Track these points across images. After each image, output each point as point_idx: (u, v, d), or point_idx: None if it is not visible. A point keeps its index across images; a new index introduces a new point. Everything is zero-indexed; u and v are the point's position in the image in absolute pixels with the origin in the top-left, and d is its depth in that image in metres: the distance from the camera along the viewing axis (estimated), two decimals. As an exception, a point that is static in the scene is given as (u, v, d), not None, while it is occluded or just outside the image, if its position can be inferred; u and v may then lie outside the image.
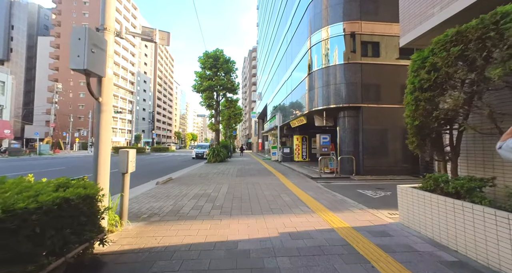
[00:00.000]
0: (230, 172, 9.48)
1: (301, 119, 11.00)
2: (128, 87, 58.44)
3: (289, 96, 13.34)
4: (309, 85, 9.82)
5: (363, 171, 7.86)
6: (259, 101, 36.43)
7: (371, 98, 8.04)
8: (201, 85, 15.79)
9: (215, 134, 16.96)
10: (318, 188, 6.07)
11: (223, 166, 12.15)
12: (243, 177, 7.96)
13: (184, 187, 6.13)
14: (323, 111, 9.03)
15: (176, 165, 14.26)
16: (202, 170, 10.45)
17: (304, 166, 11.63)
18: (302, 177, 7.98)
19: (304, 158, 15.16)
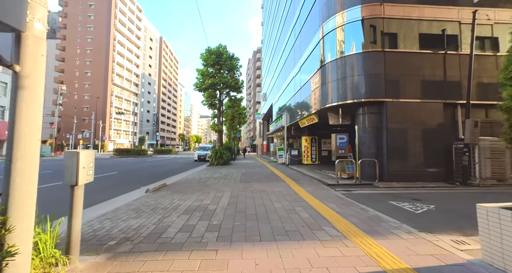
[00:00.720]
0: (233, 177, 8.47)
1: (312, 117, 9.94)
2: (132, 89, 58.41)
3: (298, 94, 12.30)
4: (321, 79, 8.77)
5: (388, 176, 6.73)
6: (264, 102, 35.47)
7: (397, 92, 6.93)
8: (203, 83, 14.91)
9: (218, 135, 16.02)
10: (339, 198, 4.98)
11: (226, 170, 11.15)
12: (248, 183, 6.93)
13: (178, 196, 5.14)
14: (339, 108, 7.96)
15: (176, 168, 13.34)
16: (202, 174, 9.47)
17: (315, 170, 10.52)
18: (316, 184, 6.90)
19: (313, 161, 14.03)
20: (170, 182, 7.14)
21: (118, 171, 10.95)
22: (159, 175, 9.67)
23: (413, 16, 7.11)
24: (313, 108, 9.63)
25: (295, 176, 8.67)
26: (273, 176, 8.85)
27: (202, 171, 10.50)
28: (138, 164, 15.45)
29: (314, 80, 9.61)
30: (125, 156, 24.05)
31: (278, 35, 20.11)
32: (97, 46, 49.99)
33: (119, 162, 17.16)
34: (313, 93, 9.67)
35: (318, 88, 9.06)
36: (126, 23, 55.77)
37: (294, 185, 6.69)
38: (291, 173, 9.95)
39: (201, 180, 7.56)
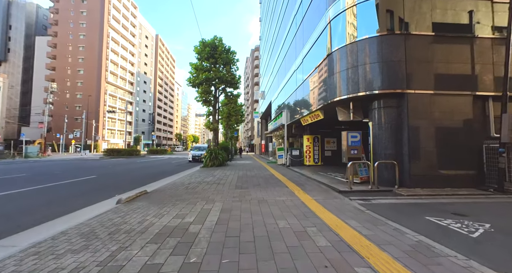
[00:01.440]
0: (228, 181, 7.38)
1: (317, 114, 8.88)
2: (127, 88, 56.97)
3: (300, 88, 11.24)
4: (328, 70, 7.72)
5: (410, 181, 5.70)
6: (262, 100, 34.41)
7: (421, 82, 5.90)
8: (197, 78, 13.78)
9: (213, 134, 14.91)
10: (358, 211, 3.93)
11: (221, 172, 10.06)
12: (245, 190, 5.85)
13: (155, 209, 4.04)
14: (349, 102, 6.91)
15: (167, 170, 12.21)
16: (193, 177, 8.37)
17: (319, 172, 9.48)
18: (325, 190, 5.84)
19: (316, 161, 13.00)
20: (153, 189, 6.04)
21: (99, 174, 9.79)
22: (144, 178, 8.54)
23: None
24: (318, 103, 8.58)
25: (298, 180, 7.61)
26: (273, 179, 7.78)
27: (194, 174, 9.39)
28: (126, 166, 14.28)
29: (319, 72, 8.56)
30: (116, 157, 22.80)
31: (277, 28, 19.04)
32: (90, 43, 48.48)
33: (105, 164, 15.96)
34: (318, 87, 8.62)
35: (324, 80, 8.01)
36: (120, 19, 54.29)
37: (299, 191, 5.63)
38: (293, 175, 8.89)
39: (190, 186, 6.47)
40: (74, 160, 20.31)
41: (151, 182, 7.44)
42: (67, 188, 6.49)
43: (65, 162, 17.34)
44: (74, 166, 13.74)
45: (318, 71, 8.64)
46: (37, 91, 50.18)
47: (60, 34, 48.88)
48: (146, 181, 7.69)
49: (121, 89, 54.98)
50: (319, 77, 8.61)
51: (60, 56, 48.46)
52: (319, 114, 8.76)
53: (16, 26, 54.08)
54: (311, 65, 9.45)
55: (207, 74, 13.44)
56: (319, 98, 8.49)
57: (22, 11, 54.60)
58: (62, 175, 9.28)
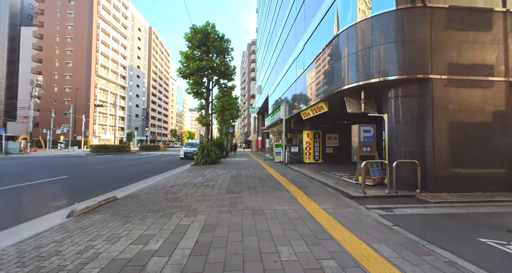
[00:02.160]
0: (218, 183, 6.37)
1: (320, 106, 7.88)
2: (119, 82, 54.99)
3: (301, 79, 10.19)
4: (334, 54, 6.69)
5: (434, 184, 4.77)
6: (259, 95, 33.27)
7: (450, 65, 4.92)
8: (188, 68, 12.60)
9: (205, 129, 13.81)
10: (385, 228, 2.97)
11: (212, 171, 9.04)
12: (237, 195, 4.85)
13: (113, 226, 3.01)
14: (361, 90, 5.91)
15: (154, 168, 11.12)
16: (180, 177, 7.33)
17: (322, 171, 8.54)
18: (333, 195, 4.88)
19: (316, 159, 12.07)
20: (126, 193, 4.99)
21: (73, 174, 8.65)
22: (124, 179, 7.46)
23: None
24: (322, 94, 7.56)
25: (299, 181, 6.64)
26: (271, 180, 6.80)
27: (182, 173, 8.35)
28: (110, 164, 13.12)
29: (323, 58, 7.52)
30: (103, 154, 21.53)
31: (275, 16, 17.81)
32: (79, 34, 46.24)
33: (89, 161, 14.76)
34: (322, 75, 7.59)
35: (330, 67, 6.97)
36: (111, 10, 51.92)
37: (303, 197, 4.65)
38: (293, 175, 7.92)
39: (172, 189, 5.43)
40: (57, 157, 19.00)
41: (129, 184, 6.38)
42: (18, 194, 5.38)
43: (44, 159, 16.06)
44: (51, 164, 12.53)
45: (322, 57, 7.59)
46: (24, 85, 47.89)
47: (47, 25, 46.47)
48: (124, 183, 6.62)
49: (113, 83, 53.01)
50: (323, 64, 7.57)
51: (47, 48, 46.17)
52: (323, 106, 7.75)
53: (0, 15, 51.22)
54: (314, 51, 8.39)
55: (198, 63, 12.26)
56: (323, 88, 7.47)
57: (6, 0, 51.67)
58: (27, 175, 8.13)
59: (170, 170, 9.70)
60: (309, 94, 9.06)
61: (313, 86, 8.49)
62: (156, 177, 7.57)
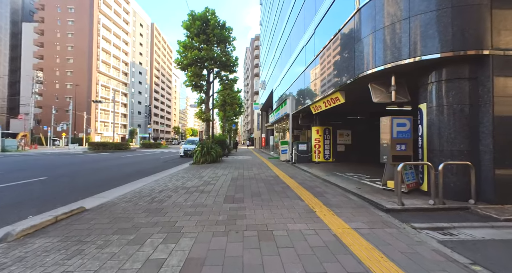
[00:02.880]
0: (216, 187, 5.37)
1: (335, 97, 6.76)
2: (121, 78, 54.36)
3: (311, 68, 9.06)
4: (355, 33, 5.57)
5: (496, 193, 3.68)
6: (263, 91, 32.11)
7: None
8: (185, 58, 11.58)
9: (205, 125, 12.83)
10: (462, 270, 1.91)
11: (212, 171, 8.05)
12: (238, 206, 3.84)
13: (50, 264, 2.02)
14: (390, 74, 4.78)
15: (148, 168, 10.21)
16: (173, 180, 6.36)
17: (335, 172, 7.48)
18: (361, 206, 3.83)
19: (326, 158, 10.98)
20: (100, 202, 4.02)
21: (56, 174, 7.75)
22: (109, 181, 6.54)
23: None
24: (338, 82, 6.45)
25: (312, 185, 5.60)
26: (278, 184, 5.77)
27: (177, 174, 7.39)
28: (103, 163, 12.27)
29: (341, 39, 6.39)
30: (101, 151, 20.79)
31: (281, 3, 16.55)
32: (80, 29, 45.54)
33: (82, 160, 13.95)
34: (338, 61, 6.46)
35: (348, 49, 5.85)
36: (112, 5, 51.03)
37: (322, 208, 3.62)
38: (304, 177, 6.88)
39: (159, 196, 4.46)
40: (53, 154, 18.31)
41: (113, 188, 5.43)
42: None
43: (36, 157, 15.34)
44: (39, 163, 11.73)
45: (339, 39, 6.45)
46: (26, 81, 47.55)
47: (47, 20, 45.86)
48: (108, 186, 5.68)
49: (115, 79, 52.38)
50: (339, 48, 6.44)
51: (48, 44, 45.65)
52: (339, 97, 6.64)
53: (1, 11, 50.87)
54: (327, 34, 7.25)
55: (197, 52, 11.21)
56: (339, 76, 6.35)
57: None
58: (1, 176, 7.26)
59: (166, 170, 8.76)
60: (320, 84, 7.95)
61: (326, 75, 7.36)
62: (146, 179, 6.62)
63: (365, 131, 11.33)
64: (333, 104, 7.21)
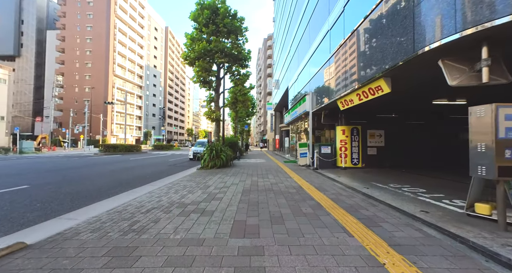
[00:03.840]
0: (222, 206, 4.04)
1: (377, 85, 5.20)
2: (136, 81, 55.45)
3: (338, 54, 7.54)
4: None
5: None
6: (276, 90, 30.69)
7: None
8: (192, 51, 10.50)
9: (215, 125, 11.64)
10: None
11: (220, 179, 6.77)
12: (251, 244, 2.46)
13: None
14: (479, 44, 3.20)
15: (152, 173, 9.19)
16: (171, 191, 5.14)
17: (375, 183, 5.89)
18: (456, 251, 2.30)
19: (355, 163, 9.32)
20: (56, 231, 2.84)
21: (41, 182, 6.77)
22: (97, 192, 5.46)
23: None
24: (382, 66, 4.90)
25: (354, 205, 4.10)
26: (306, 201, 4.33)
27: (179, 183, 6.18)
28: (105, 167, 11.47)
29: (384, 8, 4.85)
30: (111, 153, 20.44)
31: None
32: (97, 34, 46.98)
33: (86, 163, 13.33)
34: (383, 36, 4.91)
35: (403, 16, 4.30)
36: (128, 10, 52.31)
37: (393, 258, 2.14)
38: (336, 190, 5.37)
39: (142, 221, 3.21)
40: (65, 157, 18.11)
41: (94, 202, 4.30)
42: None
43: (46, 160, 15.02)
44: (40, 166, 11.16)
45: (384, 8, 4.91)
46: (49, 86, 49.85)
47: (68, 26, 47.82)
48: (89, 199, 4.58)
49: (130, 82, 53.49)
50: (386, 20, 4.90)
51: (68, 49, 47.53)
52: (381, 86, 5.07)
53: (28, 20, 53.99)
54: (364, 7, 5.72)
55: (205, 44, 10.07)
56: (385, 57, 4.80)
57: (33, 5, 54.30)
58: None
59: (168, 177, 7.62)
60: (351, 73, 6.40)
61: (362, 60, 5.82)
62: (140, 189, 5.47)
63: (402, 131, 9.56)
64: (371, 96, 5.64)
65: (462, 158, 5.23)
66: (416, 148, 9.61)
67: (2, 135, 31.79)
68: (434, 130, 9.84)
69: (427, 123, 9.84)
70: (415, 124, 9.79)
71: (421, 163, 9.27)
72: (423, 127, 9.84)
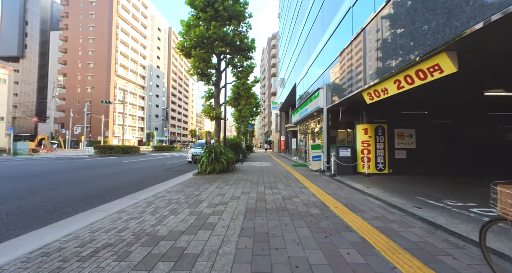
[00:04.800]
0: (212, 243, 2.62)
1: (434, 64, 3.73)
2: (138, 82, 54.77)
3: (366, 32, 6.08)
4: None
5: None
6: (282, 89, 29.24)
7: None
8: (188, 40, 9.18)
9: (215, 124, 10.26)
10: None
11: (218, 190, 5.35)
12: None
13: None
14: None
15: (139, 180, 7.86)
16: (147, 212, 3.76)
17: (422, 198, 4.41)
18: None
19: (380, 168, 7.81)
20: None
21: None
22: (57, 209, 4.13)
23: None
24: (443, 33, 3.42)
25: (422, 244, 2.64)
26: (340, 232, 2.89)
27: (164, 197, 4.81)
28: (91, 171, 10.21)
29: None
30: (107, 155, 19.31)
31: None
32: (99, 34, 46.45)
33: (73, 166, 12.13)
34: None
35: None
36: (130, 9, 51.76)
37: None
38: (377, 210, 3.90)
39: (81, 271, 1.81)
40: (57, 159, 17.02)
41: (35, 229, 2.96)
42: None
43: (35, 162, 13.91)
44: (20, 170, 9.97)
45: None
46: (52, 87, 49.57)
47: (71, 27, 47.47)
48: (22, 226, 3.23)
49: (132, 82, 52.82)
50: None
51: (70, 50, 47.13)
52: (441, 65, 3.60)
53: (32, 21, 54.00)
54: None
55: (202, 30, 8.73)
56: (451, 21, 3.32)
57: (37, 6, 54.34)
58: None
59: (157, 185, 6.28)
60: (389, 53, 4.93)
61: (409, 30, 4.33)
62: (109, 207, 4.11)
63: (436, 131, 8.01)
64: (419, 81, 4.16)
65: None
66: (452, 151, 8.04)
67: (2, 136, 31.16)
68: (478, 130, 8.24)
69: (467, 121, 8.26)
70: (451, 123, 8.22)
71: (459, 169, 7.70)
72: (461, 126, 8.26)
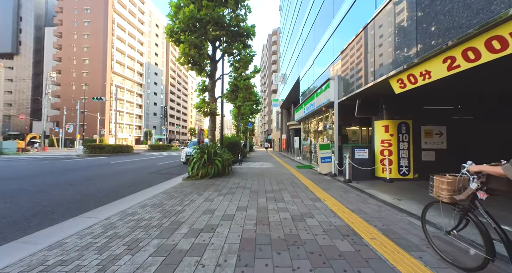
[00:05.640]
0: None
1: (506, 31, 2.47)
2: (136, 79, 53.43)
3: (388, 10, 4.83)
4: None
5: None
6: (283, 86, 27.91)
7: None
8: (176, 23, 7.91)
9: (209, 121, 9.02)
10: None
11: (205, 205, 4.11)
12: None
13: None
14: None
15: (117, 187, 6.64)
16: (94, 246, 2.52)
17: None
18: None
19: (403, 173, 6.56)
20: None
21: None
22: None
23: None
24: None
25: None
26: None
27: (136, 212, 3.58)
28: (67, 174, 9.00)
29: None
30: (97, 155, 18.12)
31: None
32: (95, 30, 45.06)
33: (52, 168, 10.92)
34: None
35: None
36: (127, 4, 50.29)
37: None
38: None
39: None
40: (43, 159, 15.82)
41: None
42: None
43: (14, 163, 12.71)
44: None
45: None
46: (44, 83, 48.30)
47: (65, 22, 46.07)
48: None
49: (129, 80, 51.50)
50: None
51: (65, 46, 45.79)
52: None
53: (26, 17, 52.60)
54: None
55: (193, 9, 7.44)
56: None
57: (32, 1, 52.90)
58: None
59: (133, 195, 5.06)
60: (435, 20, 3.66)
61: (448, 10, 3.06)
62: (43, 237, 2.88)
63: (471, 128, 6.76)
64: (488, 57, 2.90)
65: None
66: (488, 150, 6.78)
67: (-8, 134, 29.94)
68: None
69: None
70: (490, 120, 6.95)
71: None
72: (497, 122, 6.99)
